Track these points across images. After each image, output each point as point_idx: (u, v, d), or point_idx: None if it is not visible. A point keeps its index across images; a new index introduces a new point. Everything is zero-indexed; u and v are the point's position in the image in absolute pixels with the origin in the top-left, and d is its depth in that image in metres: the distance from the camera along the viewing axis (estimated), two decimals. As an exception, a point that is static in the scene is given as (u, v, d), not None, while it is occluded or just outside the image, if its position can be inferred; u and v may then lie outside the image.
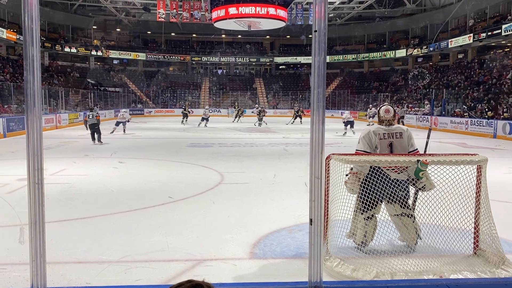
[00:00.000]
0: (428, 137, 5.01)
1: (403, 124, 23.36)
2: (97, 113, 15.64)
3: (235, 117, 30.63)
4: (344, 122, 20.14)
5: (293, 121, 28.53)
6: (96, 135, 14.99)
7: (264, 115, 26.53)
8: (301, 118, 28.77)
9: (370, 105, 33.36)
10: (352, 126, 19.87)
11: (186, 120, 27.09)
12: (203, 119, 25.25)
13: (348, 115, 20.57)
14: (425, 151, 4.66)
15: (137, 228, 5.27)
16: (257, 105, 31.41)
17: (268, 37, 49.25)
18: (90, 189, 7.57)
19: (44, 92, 24.86)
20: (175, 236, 4.92)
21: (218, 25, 30.83)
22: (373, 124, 4.69)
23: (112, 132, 18.75)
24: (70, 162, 10.75)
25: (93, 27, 44.56)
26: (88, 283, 3.65)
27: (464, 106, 25.43)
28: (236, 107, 32.07)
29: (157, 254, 4.35)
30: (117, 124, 19.57)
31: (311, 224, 2.73)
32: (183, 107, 28.65)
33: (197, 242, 4.70)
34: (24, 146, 2.60)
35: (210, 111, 31.55)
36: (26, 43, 2.50)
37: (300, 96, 45.17)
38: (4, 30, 30.26)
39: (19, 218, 5.41)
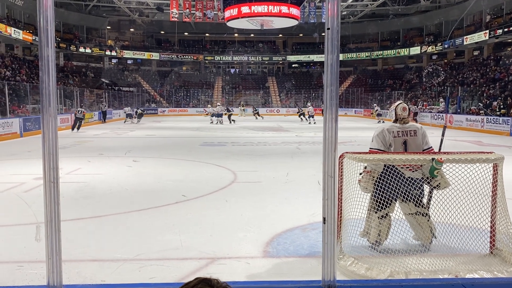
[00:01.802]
0: (443, 134, 4.94)
1: (416, 121, 23.32)
2: (84, 110, 22.45)
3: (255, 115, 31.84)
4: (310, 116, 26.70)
5: (303, 119, 28.63)
6: (77, 125, 20.85)
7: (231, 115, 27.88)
8: (304, 116, 29.11)
9: (375, 104, 33.42)
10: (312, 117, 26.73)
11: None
12: (217, 115, 26.00)
13: (311, 109, 27.68)
14: (439, 149, 4.60)
15: (151, 227, 5.30)
16: (219, 104, 31.74)
17: (280, 35, 49.13)
18: (105, 187, 7.64)
19: (59, 92, 25.16)
20: (189, 234, 4.94)
21: (230, 24, 30.91)
22: (383, 122, 4.66)
23: (125, 122, 26.88)
24: (85, 161, 10.87)
25: (107, 27, 44.97)
26: (103, 281, 3.69)
27: (479, 103, 25.07)
28: (242, 106, 33.01)
29: (171, 252, 4.38)
30: (127, 116, 28.05)
31: (325, 223, 2.72)
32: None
33: (210, 241, 4.72)
34: (40, 145, 2.63)
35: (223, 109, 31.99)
36: (42, 44, 2.53)
37: (313, 94, 45.02)
38: (20, 32, 30.71)
39: (35, 216, 5.48)
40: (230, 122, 26.55)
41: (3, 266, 4.11)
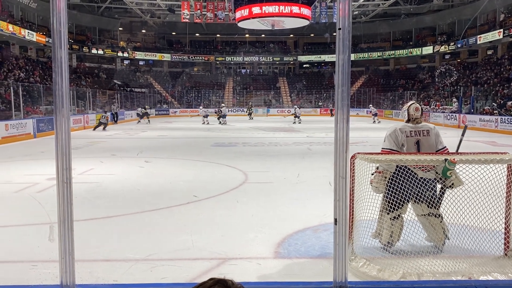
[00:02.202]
0: (463, 134, 4.73)
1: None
2: (108, 116, 24.07)
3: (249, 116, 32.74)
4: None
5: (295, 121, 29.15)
6: (98, 127, 22.38)
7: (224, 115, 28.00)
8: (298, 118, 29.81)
9: (370, 105, 33.62)
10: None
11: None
12: (222, 116, 27.05)
13: (298, 110, 29.73)
14: (457, 149, 4.51)
15: (163, 227, 5.33)
16: (223, 105, 32.13)
17: (291, 35, 49.09)
18: (117, 188, 7.70)
19: (72, 93, 25.44)
20: (200, 234, 4.96)
21: (241, 24, 30.91)
22: (379, 122, 4.58)
23: (138, 122, 28.71)
24: (97, 161, 10.96)
25: (119, 29, 45.33)
26: (115, 281, 3.72)
27: (493, 103, 24.76)
28: (250, 108, 33.56)
29: (182, 252, 4.39)
30: (138, 115, 30.05)
31: (336, 224, 2.71)
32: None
33: (221, 241, 4.73)
34: (53, 146, 2.66)
35: (232, 110, 34.27)
36: (55, 45, 2.56)
37: (324, 94, 44.90)
38: (34, 33, 31.11)
39: (48, 216, 5.54)
40: (220, 123, 26.99)
41: (17, 265, 4.17)
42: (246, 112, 34.81)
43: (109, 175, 8.99)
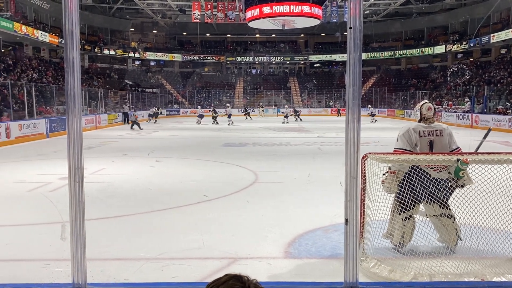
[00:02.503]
0: (485, 137, 4.52)
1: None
2: (136, 114, 25.03)
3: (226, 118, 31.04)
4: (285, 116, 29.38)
5: (287, 121, 29.41)
6: (132, 125, 23.22)
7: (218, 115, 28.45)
8: (290, 117, 30.79)
9: (369, 106, 33.92)
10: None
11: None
12: (200, 116, 28.08)
13: (230, 109, 29.05)
14: (476, 150, 4.42)
15: (173, 226, 5.36)
16: (228, 104, 32.34)
17: (302, 35, 48.94)
18: (128, 187, 7.75)
19: (84, 93, 25.67)
20: (211, 234, 4.97)
21: (252, 24, 30.89)
22: (376, 121, 4.53)
23: (149, 121, 29.90)
24: (109, 161, 11.04)
25: (131, 29, 45.61)
26: (126, 280, 3.74)
27: (507, 103, 24.45)
28: (255, 109, 34.15)
29: (193, 252, 4.41)
30: (149, 115, 30.71)
31: (347, 224, 2.70)
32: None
33: (232, 241, 4.73)
34: (66, 146, 2.68)
35: (241, 111, 34.81)
36: (67, 46, 2.58)
37: (335, 94, 44.73)
38: (47, 34, 31.46)
39: (60, 215, 5.59)
40: (213, 123, 27.23)
41: (30, 264, 4.21)
42: (257, 112, 34.89)
43: (120, 175, 9.05)
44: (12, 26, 26.23)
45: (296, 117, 31.27)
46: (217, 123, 27.14)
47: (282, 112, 32.63)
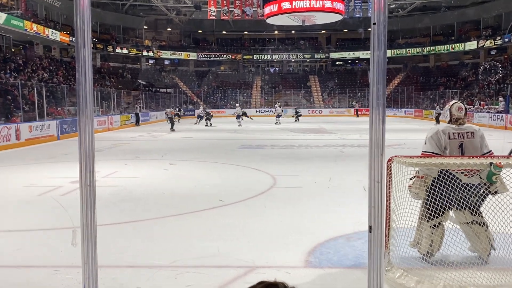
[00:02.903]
0: None
1: (438, 122, 23.13)
2: (172, 110, 27.65)
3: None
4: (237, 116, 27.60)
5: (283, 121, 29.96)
6: (171, 125, 24.04)
7: (212, 116, 28.73)
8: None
9: (354, 101, 34.13)
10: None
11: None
12: (199, 116, 28.57)
13: (240, 109, 28.45)
14: (510, 153, 4.34)
15: (187, 232, 5.38)
16: (237, 105, 32.34)
17: (323, 31, 48.78)
18: (141, 191, 7.83)
19: (96, 93, 25.98)
20: (226, 241, 4.98)
21: (270, 21, 30.86)
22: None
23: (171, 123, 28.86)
24: (121, 164, 11.17)
25: (144, 27, 46.11)
26: (139, 288, 3.77)
27: (545, 102, 23.95)
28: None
29: (208, 259, 4.42)
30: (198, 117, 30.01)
31: (371, 232, 2.67)
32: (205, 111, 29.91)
33: (248, 248, 4.74)
34: (77, 148, 2.72)
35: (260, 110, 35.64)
36: (78, 44, 2.62)
37: (359, 93, 44.43)
38: (58, 33, 32.00)
39: (71, 220, 5.68)
40: (207, 125, 27.38)
41: (41, 270, 4.28)
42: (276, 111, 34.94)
43: (133, 178, 9.15)
44: (23, 25, 26.74)
45: (296, 118, 31.83)
46: (241, 124, 27.23)
47: (274, 112, 32.80)
